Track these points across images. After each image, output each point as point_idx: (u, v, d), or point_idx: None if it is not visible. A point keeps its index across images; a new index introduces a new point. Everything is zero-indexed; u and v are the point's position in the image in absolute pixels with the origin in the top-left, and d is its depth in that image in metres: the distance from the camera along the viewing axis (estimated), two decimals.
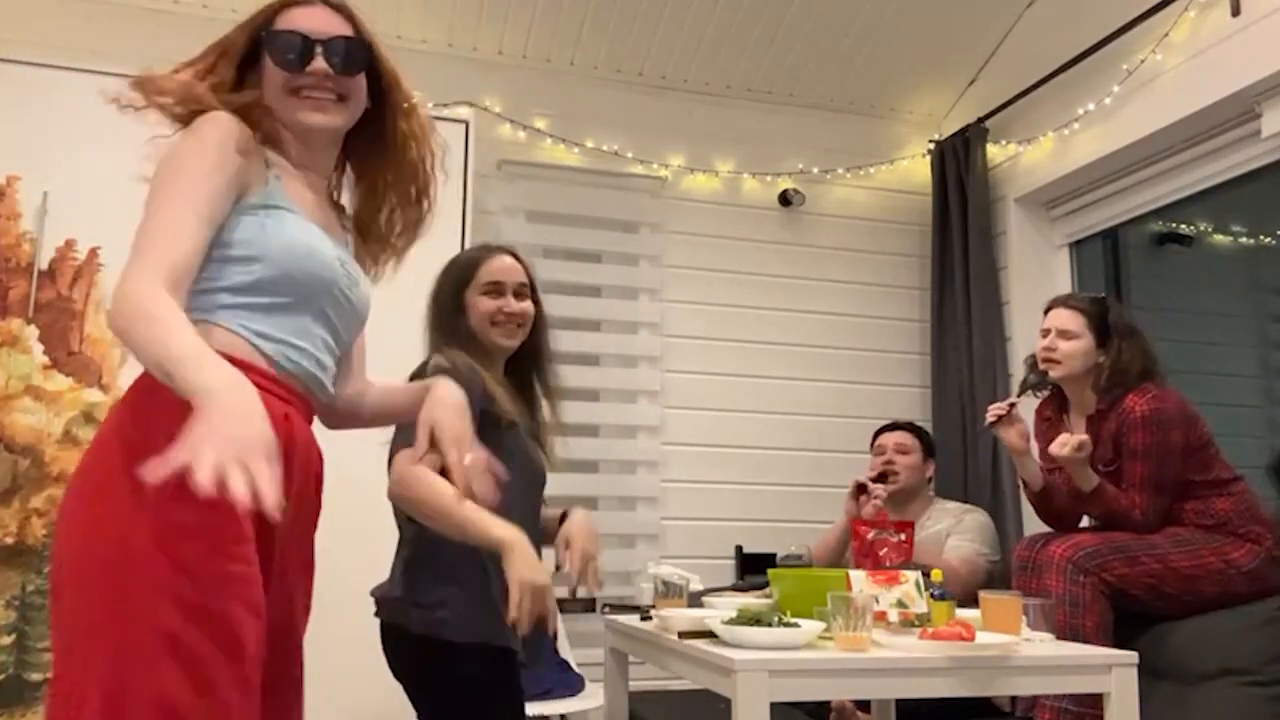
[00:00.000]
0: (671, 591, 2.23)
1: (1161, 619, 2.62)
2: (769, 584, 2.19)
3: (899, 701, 2.65)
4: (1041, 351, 2.86)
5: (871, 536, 2.53)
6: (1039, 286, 3.81)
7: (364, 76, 1.52)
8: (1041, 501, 2.90)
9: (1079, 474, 2.68)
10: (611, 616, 2.43)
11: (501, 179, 3.79)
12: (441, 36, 3.77)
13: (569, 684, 3.09)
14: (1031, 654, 1.89)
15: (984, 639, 1.85)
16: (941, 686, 1.80)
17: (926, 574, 2.09)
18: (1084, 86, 3.50)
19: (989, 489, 3.66)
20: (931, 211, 4.10)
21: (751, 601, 2.15)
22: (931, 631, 1.85)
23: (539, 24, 3.76)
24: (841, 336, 4.14)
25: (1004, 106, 3.83)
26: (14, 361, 2.99)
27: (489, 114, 3.78)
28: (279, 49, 1.47)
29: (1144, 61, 3.27)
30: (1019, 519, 3.52)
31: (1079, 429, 2.85)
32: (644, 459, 3.83)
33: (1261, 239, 3.49)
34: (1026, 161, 3.85)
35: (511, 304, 2.04)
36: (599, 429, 3.83)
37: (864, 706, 2.87)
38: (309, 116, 1.47)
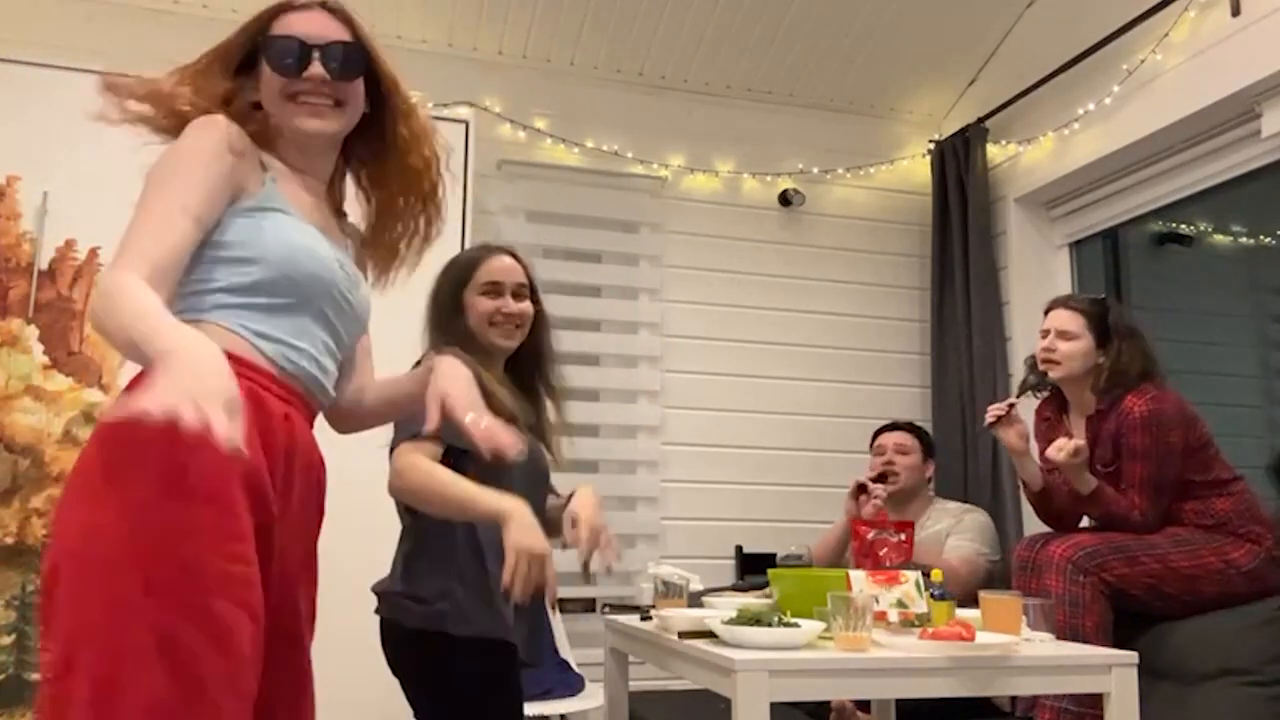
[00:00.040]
0: (671, 591, 2.23)
1: (1161, 619, 2.62)
2: (769, 584, 2.19)
3: (899, 701, 2.65)
4: (1041, 352, 2.86)
5: (871, 536, 2.53)
6: (1039, 286, 3.81)
7: (362, 81, 1.51)
8: (1041, 502, 2.90)
9: (1076, 477, 2.69)
10: (611, 616, 2.43)
11: (501, 179, 3.79)
12: (441, 36, 3.77)
13: (569, 684, 3.09)
14: (1031, 654, 1.89)
15: (984, 639, 1.85)
16: (941, 686, 1.80)
17: (926, 574, 2.08)
18: (1084, 86, 3.50)
19: (989, 489, 3.66)
20: (931, 211, 4.10)
21: (751, 601, 2.15)
22: (931, 631, 1.85)
23: (539, 24, 3.76)
24: (841, 336, 4.14)
25: (1004, 106, 3.83)
26: (14, 361, 2.99)
27: (489, 114, 3.78)
28: (276, 54, 1.46)
29: (1144, 61, 3.27)
30: (1019, 519, 3.52)
31: (1078, 429, 2.86)
32: (644, 459, 3.83)
33: (1261, 239, 3.49)
34: (1026, 161, 3.85)
35: (510, 304, 2.04)
36: (599, 429, 3.83)
37: (864, 706, 2.87)
38: (306, 122, 1.47)
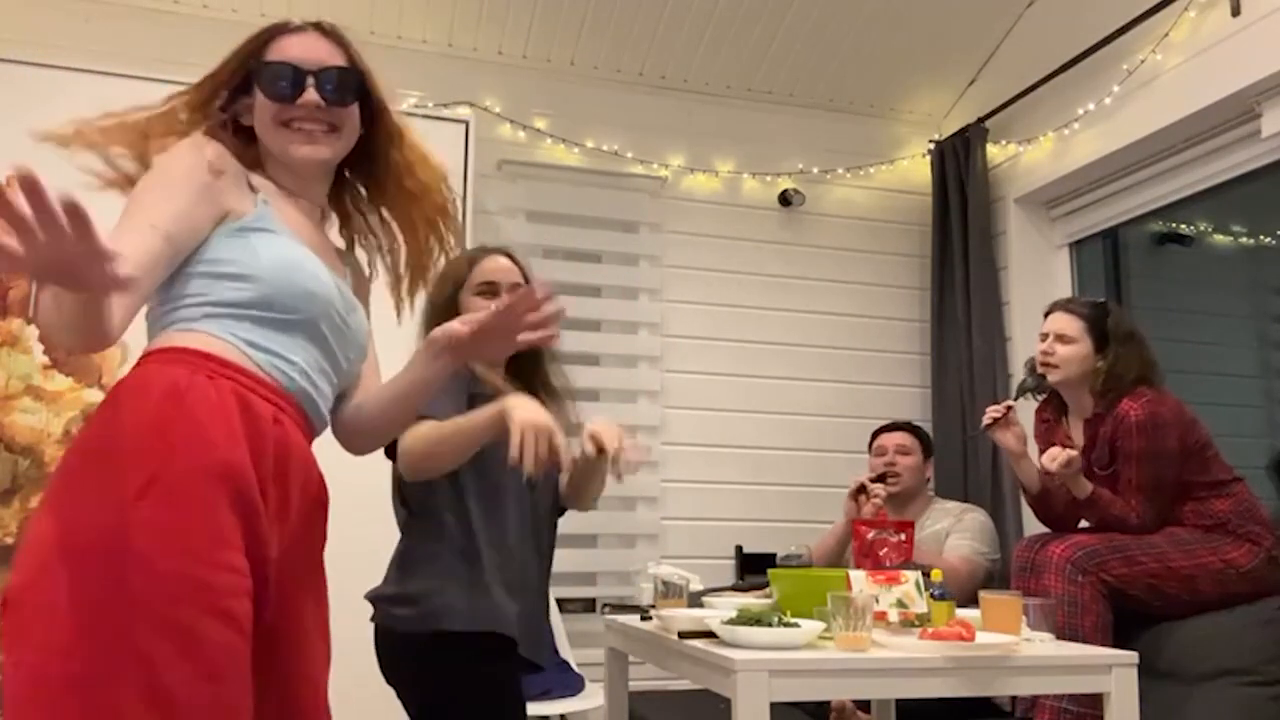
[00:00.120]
0: (671, 591, 2.23)
1: (1161, 619, 2.62)
2: (769, 584, 2.19)
3: (899, 701, 2.65)
4: (1040, 355, 2.86)
5: (871, 536, 2.53)
6: (1039, 286, 3.81)
7: (357, 106, 1.50)
8: (1039, 504, 2.91)
9: (1073, 483, 2.70)
10: (611, 616, 2.43)
11: (501, 179, 3.79)
12: (441, 36, 3.77)
13: (569, 684, 3.09)
14: (1031, 654, 1.89)
15: (984, 639, 1.85)
16: (941, 686, 1.80)
17: (926, 574, 2.09)
18: (1084, 86, 3.50)
19: (989, 489, 3.66)
20: (931, 211, 4.10)
21: (751, 601, 2.15)
22: (931, 631, 1.85)
23: (539, 24, 3.76)
24: (841, 336, 4.14)
25: (1004, 106, 3.83)
26: (14, 361, 3.00)
27: (489, 114, 3.78)
28: (270, 80, 1.45)
29: (1144, 61, 3.27)
30: (1019, 519, 3.52)
31: (1077, 432, 2.87)
32: (644, 459, 3.83)
33: (1261, 239, 3.50)
34: (1026, 161, 3.85)
35: None
36: None
37: (864, 706, 2.87)
38: (298, 149, 1.46)
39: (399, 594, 1.86)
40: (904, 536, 2.52)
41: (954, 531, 3.20)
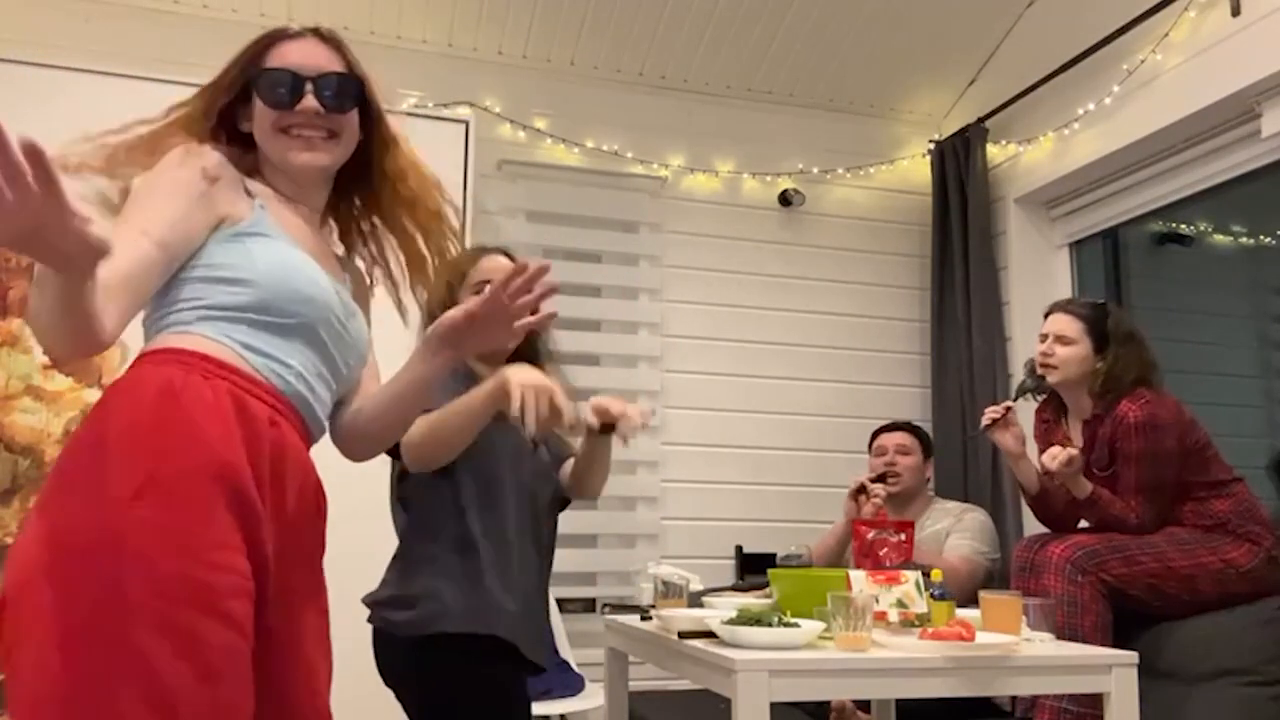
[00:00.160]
0: (671, 591, 2.23)
1: (1161, 619, 2.62)
2: (769, 584, 2.19)
3: (899, 701, 2.65)
4: (1039, 356, 2.87)
5: (871, 536, 2.53)
6: (1039, 286, 3.81)
7: (356, 113, 1.49)
8: (1038, 505, 2.91)
9: (1072, 483, 2.70)
10: (611, 616, 2.43)
11: (501, 179, 3.79)
12: (441, 36, 3.77)
13: (569, 684, 3.09)
14: (1031, 654, 1.89)
15: (984, 639, 1.85)
16: (941, 686, 1.80)
17: (926, 574, 2.09)
18: (1084, 86, 3.50)
19: (989, 489, 3.66)
20: (931, 211, 4.10)
21: (751, 601, 2.15)
22: (931, 631, 1.85)
23: (539, 24, 3.76)
24: (841, 336, 4.14)
25: (1004, 106, 3.83)
26: (14, 361, 3.00)
27: (489, 114, 3.78)
28: (268, 87, 1.44)
29: (1144, 61, 3.27)
30: (1019, 519, 3.52)
31: (1076, 433, 2.87)
32: (644, 459, 3.83)
33: (1261, 239, 3.50)
34: (1026, 161, 3.85)
35: None
36: None
37: (864, 706, 2.87)
38: (297, 156, 1.45)
39: (395, 596, 1.85)
40: (904, 536, 2.52)
41: (954, 531, 3.20)
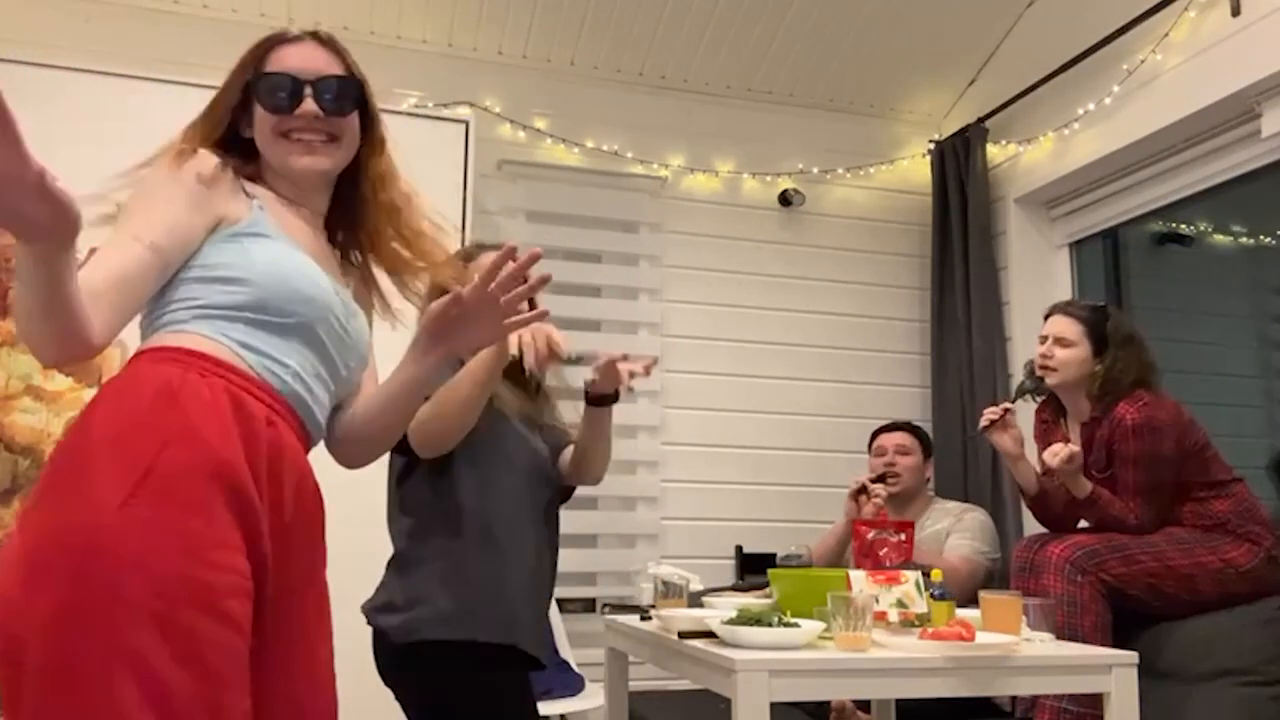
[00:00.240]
0: (671, 591, 2.23)
1: (1161, 619, 2.62)
2: (769, 584, 2.19)
3: (899, 701, 2.65)
4: (1039, 358, 2.86)
5: (871, 536, 2.53)
6: (1039, 286, 3.81)
7: (356, 116, 1.49)
8: (1037, 505, 2.91)
9: (1072, 482, 2.70)
10: (611, 616, 2.43)
11: (501, 179, 3.79)
12: (441, 36, 3.77)
13: (569, 684, 3.09)
14: (1031, 654, 1.89)
15: (984, 639, 1.85)
16: (941, 686, 1.80)
17: (926, 574, 2.09)
18: (1084, 86, 3.50)
19: (989, 489, 3.66)
20: (931, 211, 4.10)
21: (751, 601, 2.15)
22: (931, 631, 1.85)
23: (539, 24, 3.76)
24: (841, 336, 4.14)
25: (1004, 106, 3.83)
26: (14, 361, 3.00)
27: (489, 114, 3.78)
28: (267, 92, 1.43)
29: (1144, 61, 3.27)
30: (1019, 519, 3.52)
31: (1074, 435, 2.87)
32: (644, 459, 3.83)
33: (1261, 239, 3.50)
34: (1026, 161, 3.85)
35: None
36: None
37: (864, 706, 2.87)
38: (297, 160, 1.44)
39: (388, 602, 1.84)
40: (904, 536, 2.52)
41: (954, 531, 3.20)
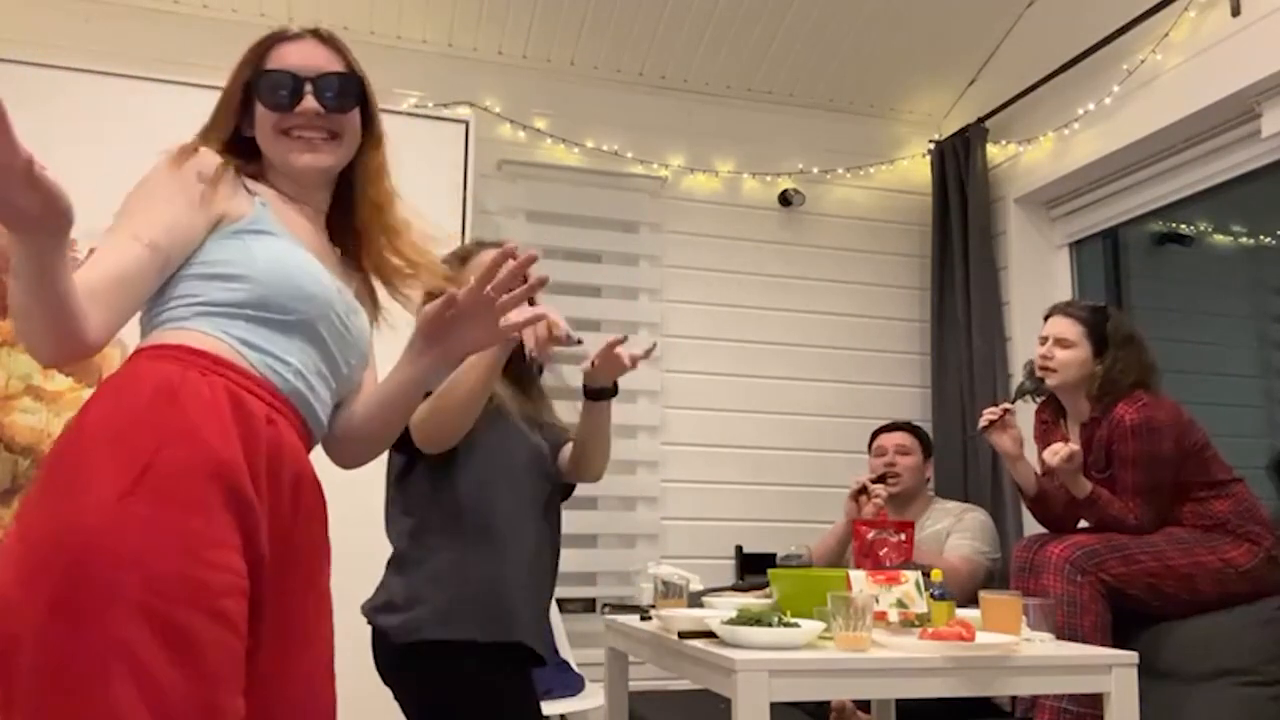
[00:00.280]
0: (671, 591, 2.23)
1: (1161, 619, 2.62)
2: (769, 584, 2.19)
3: (899, 701, 2.65)
4: (1038, 359, 2.87)
5: (871, 536, 2.53)
6: (1039, 286, 3.81)
7: (358, 113, 1.48)
8: (1037, 506, 2.91)
9: (1072, 481, 2.70)
10: (611, 616, 2.43)
11: (501, 179, 3.79)
12: (441, 36, 3.77)
13: (569, 684, 3.09)
14: (1031, 654, 1.89)
15: (984, 639, 1.85)
16: (941, 686, 1.80)
17: (926, 574, 2.09)
18: (1084, 86, 3.50)
19: (989, 489, 3.66)
20: (931, 211, 4.10)
21: (751, 601, 2.15)
22: (931, 631, 1.85)
23: (539, 24, 3.76)
24: (841, 336, 4.14)
25: (1004, 106, 3.83)
26: (14, 361, 3.00)
27: (489, 114, 3.78)
28: (268, 89, 1.43)
29: (1144, 61, 3.27)
30: (1019, 519, 3.52)
31: (1074, 435, 2.87)
32: (644, 459, 3.83)
33: (1261, 239, 3.50)
34: (1026, 161, 3.85)
35: None
36: None
37: (864, 706, 2.87)
38: (298, 158, 1.44)
39: (387, 601, 1.84)
40: (904, 536, 2.52)
41: (954, 531, 3.20)
